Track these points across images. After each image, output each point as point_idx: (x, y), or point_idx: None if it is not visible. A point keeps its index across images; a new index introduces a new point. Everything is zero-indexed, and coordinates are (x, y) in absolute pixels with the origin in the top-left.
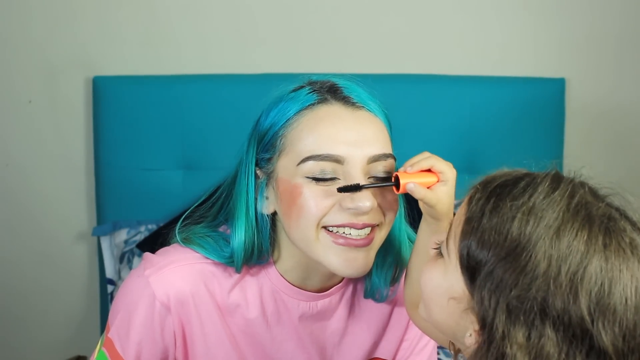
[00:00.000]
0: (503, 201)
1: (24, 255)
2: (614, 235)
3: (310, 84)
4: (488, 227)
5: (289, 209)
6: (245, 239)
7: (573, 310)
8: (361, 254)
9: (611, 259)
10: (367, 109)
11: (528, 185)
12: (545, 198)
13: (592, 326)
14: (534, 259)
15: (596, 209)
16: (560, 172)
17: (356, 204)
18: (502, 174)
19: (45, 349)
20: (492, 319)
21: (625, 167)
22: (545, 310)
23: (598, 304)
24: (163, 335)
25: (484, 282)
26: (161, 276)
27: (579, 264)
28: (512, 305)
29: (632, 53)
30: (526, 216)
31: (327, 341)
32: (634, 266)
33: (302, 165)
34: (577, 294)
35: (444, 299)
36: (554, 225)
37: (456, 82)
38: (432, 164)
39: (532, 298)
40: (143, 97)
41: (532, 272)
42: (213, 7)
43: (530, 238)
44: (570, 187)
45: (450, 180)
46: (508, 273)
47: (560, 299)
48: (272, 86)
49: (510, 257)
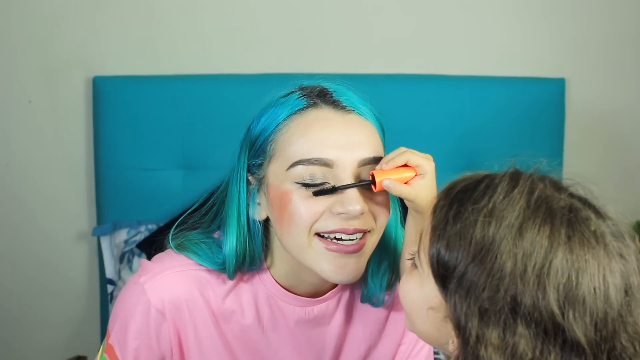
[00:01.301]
0: (464, 206)
1: (24, 255)
2: (577, 226)
3: (300, 89)
4: (453, 234)
5: (280, 215)
6: (237, 246)
7: (543, 305)
8: (352, 260)
9: (576, 250)
10: (357, 112)
11: (488, 187)
12: (505, 198)
13: (563, 319)
14: (499, 260)
15: (557, 202)
16: (519, 170)
17: (346, 208)
18: (464, 179)
19: (45, 348)
20: (466, 323)
21: (625, 166)
22: (515, 308)
23: (567, 296)
24: (159, 342)
25: (455, 288)
26: (156, 283)
27: (544, 259)
28: (483, 308)
29: (632, 53)
30: (488, 218)
31: (326, 347)
32: (599, 255)
33: (292, 169)
34: (545, 289)
35: (423, 309)
36: (515, 223)
37: (456, 82)
38: (407, 158)
39: (502, 298)
40: (143, 97)
41: (500, 273)
42: (213, 7)
43: (494, 239)
44: (529, 184)
45: (429, 172)
46: (477, 276)
47: (529, 296)
48: (272, 86)
49: (476, 260)
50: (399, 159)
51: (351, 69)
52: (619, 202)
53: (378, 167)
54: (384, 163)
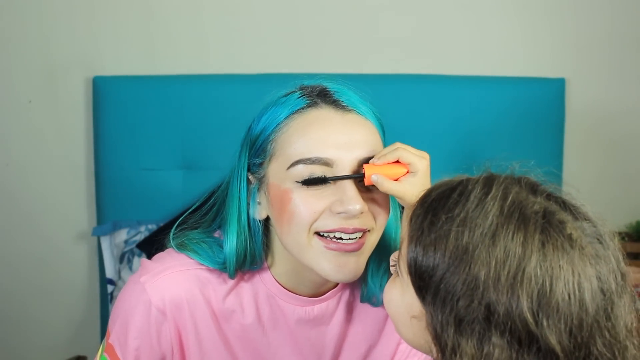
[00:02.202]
0: (438, 216)
1: (24, 255)
2: (551, 230)
3: (301, 88)
4: (428, 244)
5: (280, 214)
6: (237, 245)
7: (516, 314)
8: (352, 259)
9: (549, 256)
10: (357, 112)
11: (461, 194)
12: (477, 206)
13: (537, 327)
14: (473, 269)
15: (531, 207)
16: (493, 174)
17: (346, 207)
18: (439, 186)
19: (45, 348)
20: (442, 332)
21: (626, 166)
22: (489, 318)
23: (540, 304)
24: (160, 341)
25: (432, 298)
26: (157, 283)
27: (517, 266)
28: (459, 318)
29: (632, 53)
30: (461, 227)
31: (326, 346)
32: (574, 260)
33: (292, 169)
34: (519, 298)
35: (406, 318)
36: (488, 232)
37: (456, 82)
38: (399, 155)
39: (477, 307)
40: (143, 97)
41: (474, 282)
42: (212, 7)
43: (467, 248)
44: (502, 188)
45: (420, 170)
46: (452, 286)
47: (503, 305)
48: (272, 86)
49: (451, 269)
50: (390, 156)
51: (351, 68)
52: (619, 202)
53: (371, 161)
54: (377, 158)
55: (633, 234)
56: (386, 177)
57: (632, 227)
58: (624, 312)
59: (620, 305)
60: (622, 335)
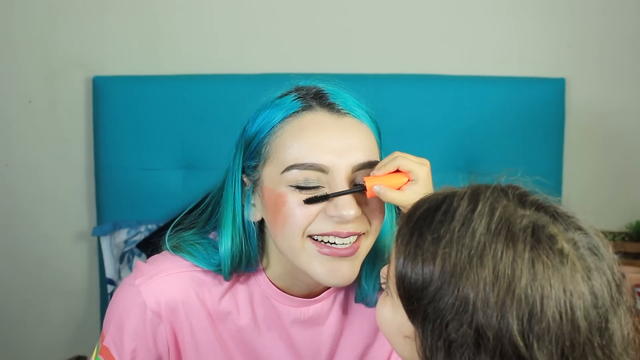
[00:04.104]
0: (423, 237)
1: (24, 255)
2: (541, 248)
3: (296, 90)
4: (415, 265)
5: (275, 217)
6: (232, 247)
7: (506, 337)
8: (346, 264)
9: (540, 275)
10: (352, 115)
11: (446, 212)
12: (464, 224)
13: (527, 350)
14: (462, 291)
15: (520, 221)
16: (479, 186)
17: (340, 212)
18: (424, 201)
19: (45, 348)
20: (431, 356)
21: (625, 166)
22: (479, 341)
23: (531, 326)
24: (156, 343)
25: (422, 321)
26: (152, 285)
27: (507, 287)
28: (448, 341)
29: (632, 53)
30: (448, 249)
31: (322, 347)
32: (565, 277)
33: (286, 173)
34: (508, 320)
35: (399, 337)
36: (476, 252)
37: (456, 82)
38: (399, 164)
39: (466, 331)
40: (143, 97)
41: (464, 305)
42: (213, 7)
43: (455, 270)
44: (489, 204)
45: (421, 178)
46: (441, 309)
47: (492, 329)
48: (272, 86)
49: (440, 292)
50: (390, 165)
51: (350, 69)
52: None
53: (372, 174)
54: (377, 169)
55: (633, 233)
56: (388, 187)
57: (632, 227)
58: (621, 325)
59: (614, 321)
60: (616, 351)
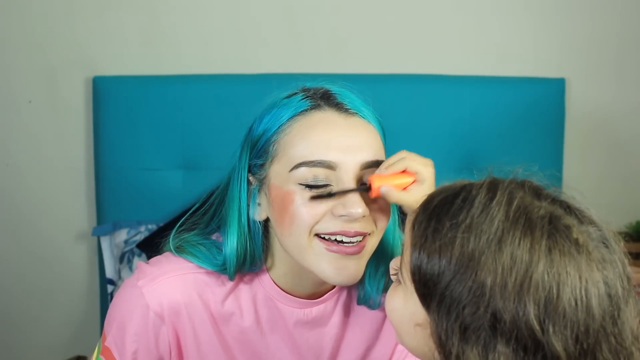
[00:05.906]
0: (442, 222)
1: (24, 255)
2: (558, 236)
3: (303, 90)
4: (433, 251)
5: (281, 216)
6: (238, 246)
7: (523, 321)
8: (352, 262)
9: (557, 262)
10: (360, 115)
11: (465, 200)
12: (483, 211)
13: (543, 335)
14: (480, 276)
15: (537, 211)
16: (496, 178)
17: (348, 210)
18: (441, 191)
19: (45, 348)
20: (446, 340)
21: (626, 166)
22: (495, 325)
23: (547, 311)
24: (158, 345)
25: (437, 306)
26: (154, 287)
27: (525, 273)
28: (464, 325)
29: (632, 53)
30: (466, 234)
31: (324, 348)
32: (581, 265)
33: (295, 171)
34: (526, 305)
35: (410, 326)
36: (494, 238)
37: (456, 82)
38: (406, 165)
39: (482, 315)
40: (143, 97)
41: (480, 289)
42: (213, 7)
43: (473, 255)
44: (507, 193)
45: (427, 179)
46: (457, 293)
47: (509, 312)
48: (272, 86)
49: (457, 277)
50: (398, 165)
51: (351, 69)
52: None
53: (377, 172)
54: (384, 168)
55: (633, 234)
56: (394, 187)
57: (632, 227)
58: (630, 316)
59: (626, 311)
60: (628, 341)
